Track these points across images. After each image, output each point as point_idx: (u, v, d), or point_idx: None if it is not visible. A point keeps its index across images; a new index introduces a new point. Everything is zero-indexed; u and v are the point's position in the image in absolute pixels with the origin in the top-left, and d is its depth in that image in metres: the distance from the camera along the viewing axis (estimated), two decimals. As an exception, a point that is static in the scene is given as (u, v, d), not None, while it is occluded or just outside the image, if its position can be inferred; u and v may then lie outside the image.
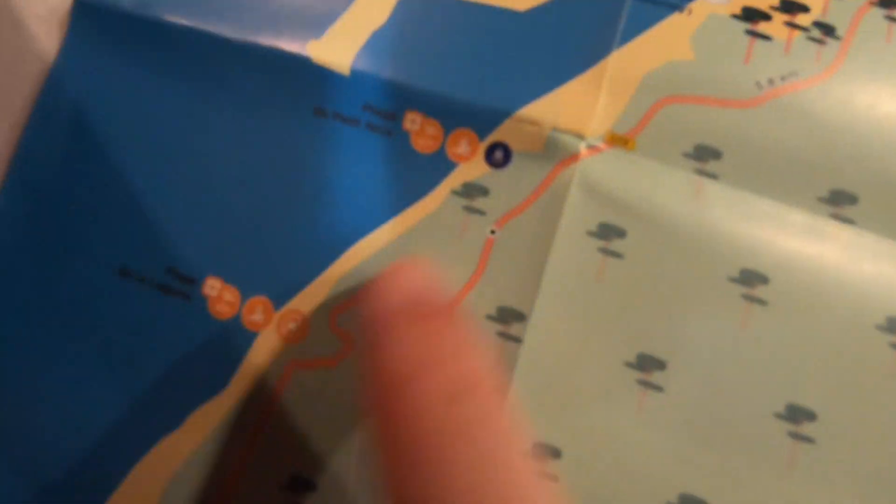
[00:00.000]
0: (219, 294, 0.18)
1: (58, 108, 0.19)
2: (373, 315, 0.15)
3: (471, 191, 0.17)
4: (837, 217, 0.17)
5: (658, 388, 0.16)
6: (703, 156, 0.17)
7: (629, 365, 0.16)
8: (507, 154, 0.17)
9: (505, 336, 0.17)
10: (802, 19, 0.17)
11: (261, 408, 0.17)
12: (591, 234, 0.17)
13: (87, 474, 0.17)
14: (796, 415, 0.16)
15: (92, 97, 0.19)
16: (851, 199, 0.17)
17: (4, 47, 0.19)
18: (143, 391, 0.18)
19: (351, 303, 0.18)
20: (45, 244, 0.18)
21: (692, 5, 0.18)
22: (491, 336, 0.17)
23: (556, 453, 0.16)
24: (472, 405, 0.14)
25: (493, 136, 0.17)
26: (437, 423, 0.14)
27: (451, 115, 0.17)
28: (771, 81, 0.17)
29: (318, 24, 0.18)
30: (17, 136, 0.19)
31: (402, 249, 0.18)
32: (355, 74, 0.18)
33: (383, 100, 0.18)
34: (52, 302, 0.18)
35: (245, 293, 0.18)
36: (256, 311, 0.18)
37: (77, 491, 0.17)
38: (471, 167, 0.18)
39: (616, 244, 0.17)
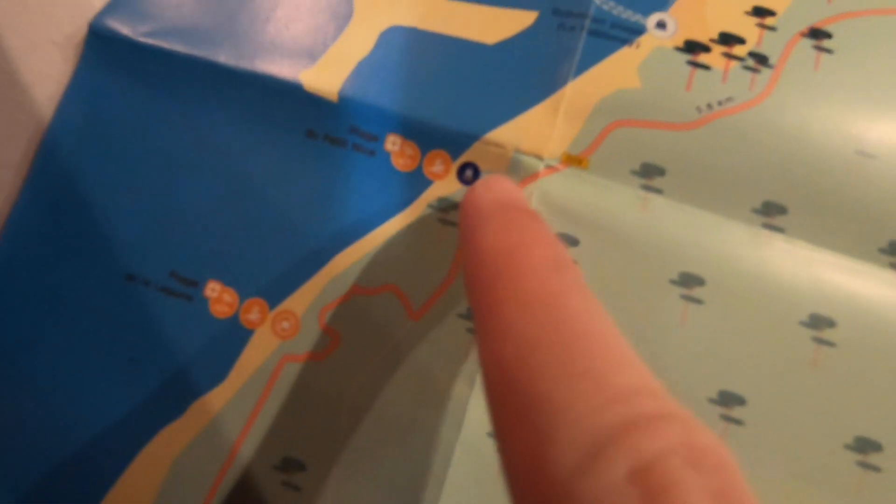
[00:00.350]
0: (219, 296, 0.20)
1: (71, 127, 0.21)
2: (471, 207, 0.16)
3: (444, 205, 0.20)
4: (769, 226, 0.19)
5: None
6: (649, 173, 0.19)
7: (582, 358, 0.19)
8: (477, 173, 0.20)
9: (473, 332, 0.19)
10: (739, 50, 0.20)
11: (256, 397, 0.19)
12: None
13: (95, 460, 0.19)
14: (728, 400, 0.18)
15: (102, 117, 0.21)
16: (781, 210, 0.19)
17: (24, 70, 0.21)
18: (147, 384, 0.20)
19: (338, 302, 0.20)
20: (57, 251, 0.20)
21: (640, 39, 0.20)
22: (462, 332, 0.19)
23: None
24: (575, 275, 0.15)
25: (464, 157, 0.20)
26: (549, 286, 0.14)
27: (428, 138, 0.20)
28: (710, 106, 0.19)
29: (309, 54, 0.20)
30: (34, 152, 0.21)
31: (384, 256, 0.20)
32: (342, 101, 0.20)
33: (367, 123, 0.20)
34: (64, 304, 0.20)
35: (243, 295, 0.20)
36: (253, 311, 0.20)
37: (88, 473, 0.19)
38: (445, 184, 0.20)
39: (571, 252, 0.19)
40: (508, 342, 0.13)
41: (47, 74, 0.21)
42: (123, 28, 0.21)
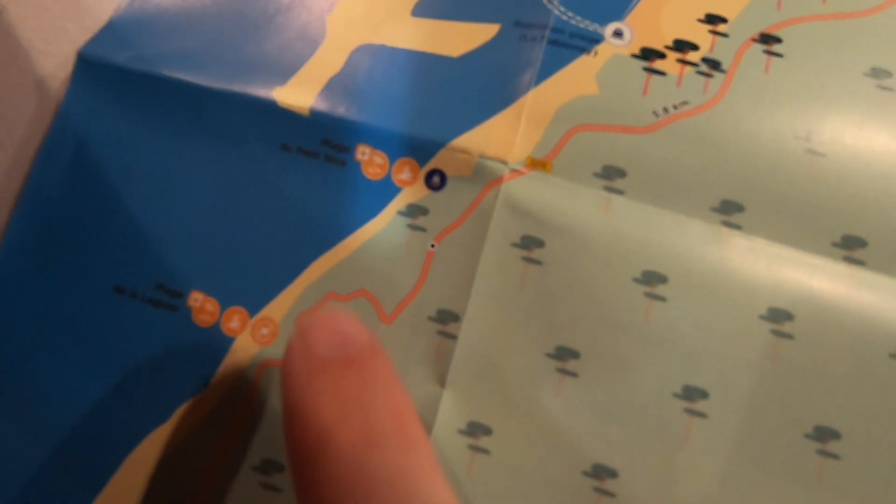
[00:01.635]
0: (201, 305, 0.21)
1: (62, 148, 0.22)
2: (285, 375, 0.15)
3: (413, 211, 0.20)
4: (727, 224, 0.20)
5: (574, 375, 0.19)
6: (611, 175, 0.20)
7: (549, 356, 0.19)
8: (443, 179, 0.20)
9: (443, 334, 0.20)
10: (692, 56, 0.20)
11: (238, 402, 0.20)
12: (514, 245, 0.20)
13: (84, 464, 0.20)
14: (691, 394, 0.19)
15: (91, 139, 0.22)
16: (739, 208, 0.20)
17: (15, 94, 0.22)
18: (134, 392, 0.20)
19: (315, 309, 0.20)
20: (50, 266, 0.21)
21: (598, 48, 0.21)
22: (432, 334, 0.20)
23: (487, 431, 0.19)
24: (391, 447, 0.14)
25: (431, 164, 0.20)
26: (355, 476, 0.13)
27: (395, 147, 0.20)
28: (665, 110, 0.20)
29: (283, 73, 0.21)
30: (25, 173, 0.22)
31: (357, 263, 0.20)
32: (314, 114, 0.21)
33: (338, 135, 0.21)
34: (54, 316, 0.21)
35: (224, 304, 0.21)
36: (234, 319, 0.21)
37: (78, 478, 0.20)
38: (413, 191, 0.20)
39: (536, 253, 0.20)
40: None
41: (39, 99, 0.22)
42: (111, 55, 0.22)
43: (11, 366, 0.21)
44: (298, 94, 0.21)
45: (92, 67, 0.22)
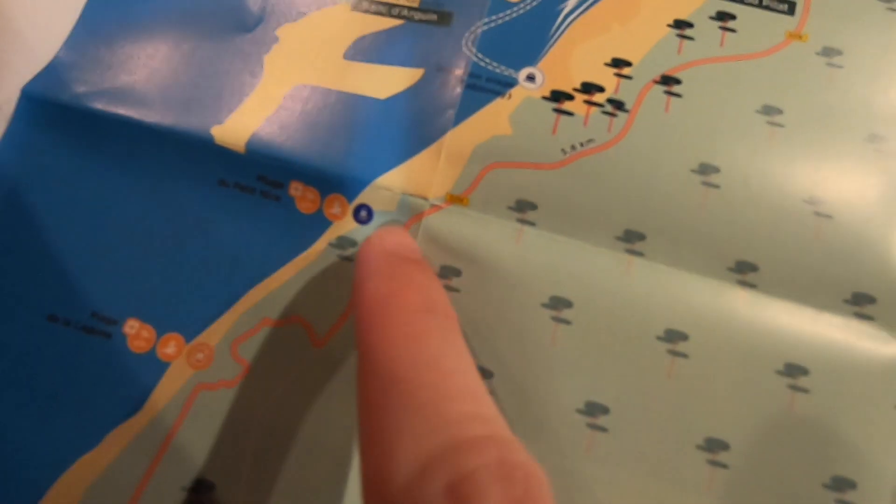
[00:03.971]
0: (137, 332, 0.22)
1: (1, 180, 0.23)
2: (362, 260, 0.19)
3: (344, 243, 0.22)
4: (631, 251, 0.21)
5: (491, 393, 0.20)
6: (523, 208, 0.21)
7: (465, 376, 0.21)
8: (370, 213, 0.22)
9: (369, 357, 0.21)
10: (598, 97, 0.22)
11: (170, 424, 0.21)
12: (434, 274, 0.21)
13: (12, 490, 0.21)
14: (594, 410, 0.20)
15: (31, 172, 0.23)
16: (641, 237, 0.21)
17: None
18: (65, 418, 0.21)
19: (249, 334, 0.22)
20: None
21: (512, 91, 0.22)
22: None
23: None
24: (441, 317, 0.17)
25: (359, 200, 0.22)
26: (413, 328, 0.16)
27: (326, 183, 0.22)
28: (573, 147, 0.22)
29: (221, 111, 0.23)
30: None
31: (290, 291, 0.22)
32: (249, 152, 0.22)
33: (272, 172, 0.22)
34: None
35: (160, 330, 0.22)
36: (170, 345, 0.22)
37: (3, 501, 0.21)
38: (343, 224, 0.22)
39: (454, 281, 0.21)
40: (375, 379, 0.16)
41: None
42: (54, 92, 0.23)
43: None
44: (235, 132, 0.22)
45: (34, 104, 0.23)
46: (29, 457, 0.21)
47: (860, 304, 0.20)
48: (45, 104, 0.23)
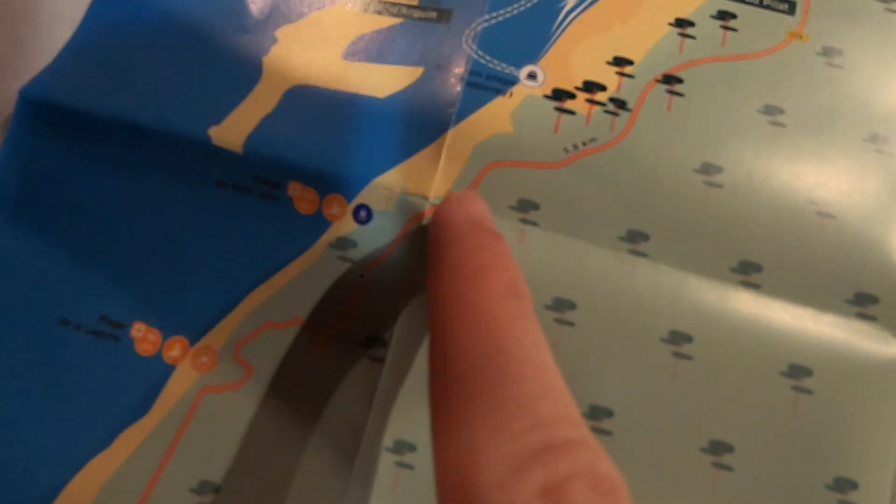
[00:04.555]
0: (143, 335, 0.22)
1: (4, 186, 0.23)
2: (443, 223, 0.18)
3: (343, 244, 0.22)
4: (634, 252, 0.21)
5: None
6: (525, 207, 0.21)
7: (468, 378, 0.20)
8: (370, 213, 0.22)
9: (372, 358, 0.21)
10: (600, 96, 0.22)
11: (176, 427, 0.21)
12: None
13: (27, 491, 0.21)
14: (598, 413, 0.20)
15: (34, 176, 0.23)
16: (644, 237, 0.21)
17: None
18: (78, 420, 0.21)
19: (252, 337, 0.22)
20: None
21: (513, 89, 0.22)
22: (361, 359, 0.21)
23: (411, 448, 0.20)
24: (525, 303, 0.16)
25: (358, 199, 0.22)
26: (500, 311, 0.16)
27: (325, 183, 0.22)
28: (575, 147, 0.22)
29: (219, 112, 0.23)
30: None
31: (292, 294, 0.22)
32: (247, 152, 0.22)
33: (270, 172, 0.22)
34: (2, 349, 0.22)
35: (165, 334, 0.22)
36: (174, 348, 0.22)
37: (18, 502, 0.21)
38: (342, 225, 0.22)
39: (456, 282, 0.21)
40: (456, 359, 0.15)
41: None
42: (51, 94, 0.23)
43: None
44: (232, 133, 0.22)
45: (32, 106, 0.23)
46: (43, 457, 0.21)
47: (863, 304, 0.20)
48: (43, 106, 0.23)
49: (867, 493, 0.19)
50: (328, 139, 0.22)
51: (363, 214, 0.22)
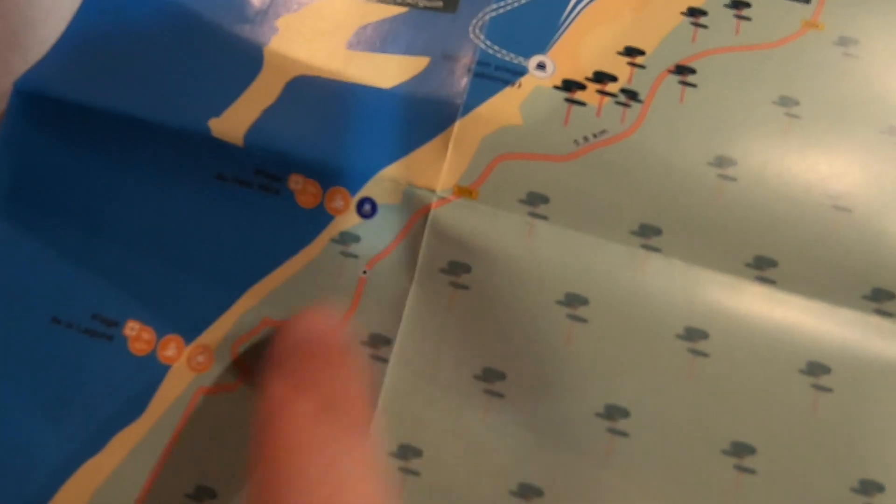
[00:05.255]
0: (137, 334, 0.21)
1: None
2: (279, 347, 0.19)
3: (346, 238, 0.21)
4: (646, 246, 0.20)
5: (500, 396, 0.20)
6: (535, 201, 0.21)
7: (476, 377, 0.20)
8: (374, 207, 0.21)
9: (375, 358, 0.20)
10: (611, 87, 0.21)
11: (171, 429, 0.20)
12: (442, 270, 0.20)
13: (20, 494, 0.20)
14: (613, 413, 0.19)
15: (27, 170, 0.22)
16: (657, 231, 0.20)
17: None
18: (71, 421, 0.20)
19: (250, 335, 0.21)
20: None
21: (522, 80, 0.21)
22: (364, 359, 0.20)
23: (417, 453, 0.19)
24: (338, 420, 0.17)
25: (362, 193, 0.21)
26: (307, 437, 0.16)
27: (328, 176, 0.21)
28: (585, 139, 0.21)
29: (219, 103, 0.22)
30: None
31: (291, 290, 0.21)
32: (248, 145, 0.21)
33: (271, 165, 0.21)
34: None
35: (160, 332, 0.21)
36: (170, 347, 0.21)
37: None
38: (345, 219, 0.21)
39: (464, 278, 0.20)
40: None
41: None
42: (47, 87, 0.22)
43: None
44: (232, 125, 0.21)
45: (27, 99, 0.22)
46: (37, 460, 0.20)
47: (880, 300, 0.20)
48: (38, 99, 0.22)
49: (894, 495, 0.18)
50: (331, 131, 0.21)
51: (367, 208, 0.21)
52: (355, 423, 0.18)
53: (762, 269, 0.20)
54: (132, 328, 0.21)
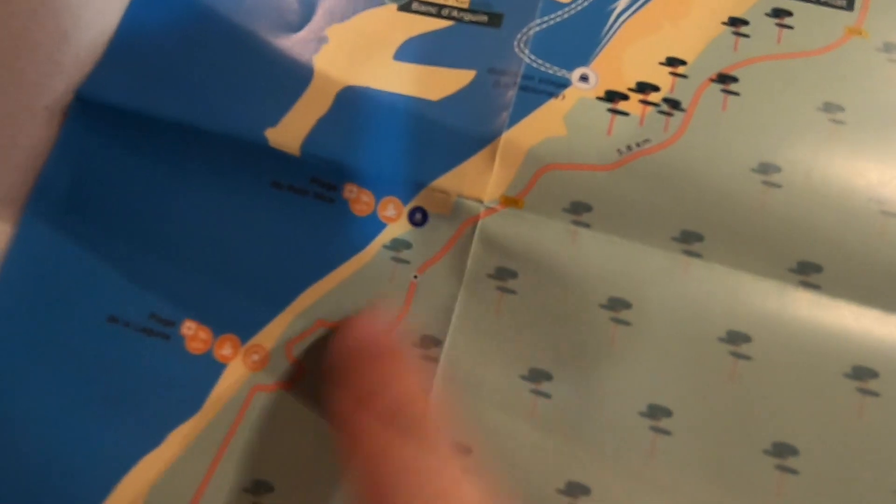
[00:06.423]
0: (194, 333, 0.22)
1: (57, 185, 0.23)
2: (335, 355, 0.19)
3: (398, 245, 0.22)
4: (688, 252, 0.21)
5: (547, 396, 0.20)
6: (578, 209, 0.21)
7: (523, 377, 0.20)
8: (425, 216, 0.22)
9: (426, 358, 0.21)
10: (654, 97, 0.22)
11: (228, 425, 0.21)
12: (490, 276, 0.21)
13: (79, 488, 0.21)
14: (656, 413, 0.20)
15: (86, 176, 0.23)
16: (698, 238, 0.21)
17: (11, 133, 0.23)
18: (128, 417, 0.21)
19: (304, 335, 0.22)
20: (46, 299, 0.22)
21: (565, 92, 0.22)
22: (415, 359, 0.21)
23: (466, 451, 0.20)
24: (405, 422, 0.18)
25: (414, 202, 0.22)
26: (375, 444, 0.18)
27: (381, 186, 0.22)
28: (629, 148, 0.21)
29: (274, 114, 0.23)
30: (20, 208, 0.23)
31: (344, 293, 0.22)
32: (304, 154, 0.22)
33: (326, 174, 0.22)
34: (51, 347, 0.22)
35: (216, 332, 0.22)
36: (226, 346, 0.22)
37: (70, 501, 0.21)
38: (397, 226, 0.22)
39: (510, 283, 0.21)
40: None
41: (34, 137, 0.23)
42: (106, 94, 0.23)
43: (4, 394, 0.22)
44: (289, 135, 0.22)
45: (87, 107, 0.23)
46: (93, 457, 0.21)
47: (927, 305, 0.20)
48: (98, 107, 0.23)
49: (941, 499, 0.18)
50: (384, 141, 0.22)
51: (419, 217, 0.22)
52: (417, 426, 0.18)
53: (806, 274, 0.20)
54: (189, 327, 0.22)
